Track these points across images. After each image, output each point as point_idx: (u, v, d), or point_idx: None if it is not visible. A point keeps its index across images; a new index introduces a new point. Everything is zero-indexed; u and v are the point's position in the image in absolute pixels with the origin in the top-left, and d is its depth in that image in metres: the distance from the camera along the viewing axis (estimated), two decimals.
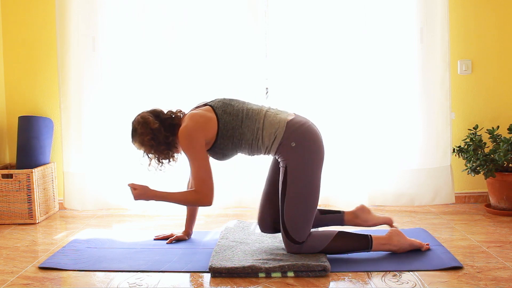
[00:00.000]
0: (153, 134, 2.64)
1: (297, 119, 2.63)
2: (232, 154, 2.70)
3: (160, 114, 2.72)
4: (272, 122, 2.60)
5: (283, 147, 2.57)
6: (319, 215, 2.84)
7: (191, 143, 2.56)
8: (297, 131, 2.57)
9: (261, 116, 2.62)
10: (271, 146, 2.59)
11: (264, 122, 2.60)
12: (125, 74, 3.71)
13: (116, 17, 3.69)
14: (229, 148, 2.64)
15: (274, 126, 2.59)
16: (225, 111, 2.63)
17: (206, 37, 3.66)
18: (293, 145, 2.55)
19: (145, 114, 2.70)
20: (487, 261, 2.54)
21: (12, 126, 3.86)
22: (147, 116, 2.68)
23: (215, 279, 2.41)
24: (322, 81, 3.66)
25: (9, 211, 3.53)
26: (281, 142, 2.57)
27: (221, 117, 2.61)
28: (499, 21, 3.68)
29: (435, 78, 3.60)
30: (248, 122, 2.61)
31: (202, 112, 2.63)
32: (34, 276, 2.50)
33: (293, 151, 2.55)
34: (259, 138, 2.60)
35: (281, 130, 2.57)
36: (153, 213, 3.70)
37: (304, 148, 2.55)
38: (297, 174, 2.54)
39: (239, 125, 2.60)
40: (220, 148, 2.63)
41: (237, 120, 2.61)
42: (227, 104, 2.67)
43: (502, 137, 3.42)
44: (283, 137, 2.56)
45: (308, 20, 3.62)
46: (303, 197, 2.54)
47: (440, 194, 3.66)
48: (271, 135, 2.58)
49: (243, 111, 2.64)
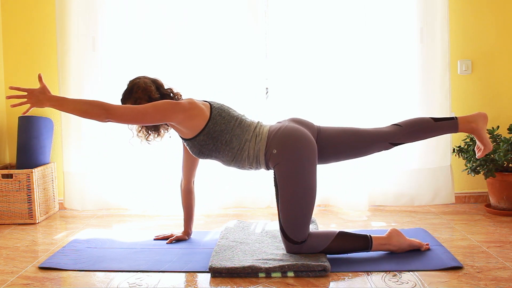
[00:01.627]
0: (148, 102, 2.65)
1: (274, 127, 2.65)
2: (210, 154, 2.67)
3: (161, 87, 2.74)
4: (257, 134, 2.62)
5: (268, 157, 2.60)
6: None
7: (164, 104, 2.53)
8: (275, 138, 2.58)
9: (252, 129, 2.64)
10: (257, 158, 2.61)
11: (252, 135, 2.62)
12: (125, 74, 3.69)
13: (116, 17, 3.69)
14: (209, 148, 2.63)
15: (258, 138, 2.61)
16: (220, 114, 2.64)
17: (206, 37, 3.66)
18: (274, 152, 2.57)
19: (148, 81, 2.70)
20: (487, 261, 2.54)
21: (12, 126, 3.86)
22: (149, 84, 2.69)
23: (215, 279, 2.41)
24: (322, 81, 3.65)
25: (9, 211, 3.53)
26: (265, 153, 2.60)
27: (213, 117, 2.61)
28: (499, 21, 3.69)
29: (435, 78, 3.60)
30: (238, 131, 2.62)
31: (200, 104, 2.64)
32: (34, 276, 2.50)
33: (278, 157, 2.56)
34: (246, 150, 2.61)
35: (263, 141, 2.60)
36: (153, 213, 3.70)
37: (286, 151, 2.55)
38: (286, 176, 2.54)
39: (228, 131, 2.61)
40: (199, 143, 2.63)
41: (228, 126, 2.62)
42: (225, 109, 2.68)
43: (502, 137, 3.42)
44: (266, 148, 2.59)
45: (308, 20, 3.62)
46: (297, 197, 2.53)
47: (440, 194, 3.66)
48: (255, 147, 2.60)
49: (236, 120, 2.65)
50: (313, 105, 3.64)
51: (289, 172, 2.54)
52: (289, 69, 3.66)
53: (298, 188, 2.53)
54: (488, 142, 2.69)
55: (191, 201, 2.99)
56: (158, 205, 3.71)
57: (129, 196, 3.76)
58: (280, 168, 2.56)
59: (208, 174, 3.63)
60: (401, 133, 2.67)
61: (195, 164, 2.95)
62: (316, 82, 3.66)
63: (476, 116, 2.70)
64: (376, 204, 3.75)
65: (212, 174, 3.66)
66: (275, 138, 2.58)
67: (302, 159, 2.54)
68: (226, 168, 3.56)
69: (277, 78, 3.68)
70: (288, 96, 3.67)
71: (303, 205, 2.55)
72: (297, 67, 3.65)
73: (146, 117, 2.51)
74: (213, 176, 3.68)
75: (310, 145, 2.57)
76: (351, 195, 3.64)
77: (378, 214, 3.57)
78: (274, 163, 2.58)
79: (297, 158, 2.54)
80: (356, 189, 3.64)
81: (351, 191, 3.65)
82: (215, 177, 3.70)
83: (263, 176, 3.58)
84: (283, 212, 2.55)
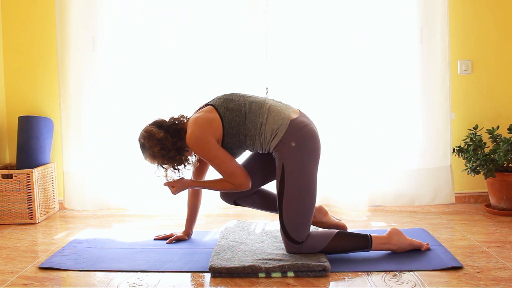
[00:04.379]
0: (161, 144, 2.63)
1: (300, 119, 2.61)
2: (240, 151, 2.71)
3: (163, 123, 2.71)
4: (275, 118, 2.58)
5: (283, 145, 2.56)
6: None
7: (203, 146, 2.58)
8: (300, 132, 2.56)
9: (265, 110, 2.61)
10: (271, 142, 2.59)
11: (268, 117, 2.59)
12: (125, 74, 3.71)
13: (116, 17, 3.69)
14: (237, 146, 2.65)
15: (277, 122, 2.57)
16: (227, 108, 2.62)
17: (206, 37, 3.66)
18: (293, 144, 2.55)
19: (148, 128, 2.70)
20: (487, 261, 2.54)
21: (12, 126, 3.86)
22: (150, 129, 2.68)
23: (215, 279, 2.41)
24: (322, 81, 3.65)
25: (9, 211, 3.53)
26: (282, 140, 2.56)
27: (224, 115, 2.61)
28: (499, 21, 3.69)
29: (435, 78, 3.60)
30: (251, 117, 2.60)
31: (204, 115, 2.63)
32: (34, 276, 2.50)
33: (293, 151, 2.54)
34: (262, 133, 2.59)
35: (284, 128, 2.56)
36: (153, 213, 3.70)
37: (303, 149, 2.55)
38: (295, 174, 2.53)
39: (243, 121, 2.60)
40: (228, 147, 2.64)
41: (240, 116, 2.60)
42: (228, 100, 2.66)
43: (502, 137, 3.42)
44: (284, 135, 2.56)
45: (308, 20, 3.62)
46: (302, 197, 2.54)
47: (440, 194, 3.66)
48: (273, 131, 2.57)
49: (245, 105, 2.63)
50: (313, 105, 3.63)
51: (299, 171, 2.53)
52: (289, 69, 3.66)
53: (304, 188, 2.54)
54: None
55: (197, 201, 2.98)
56: (158, 205, 3.71)
57: (129, 196, 3.76)
58: (291, 163, 2.53)
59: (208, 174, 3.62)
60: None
61: (205, 167, 2.95)
62: (316, 82, 3.66)
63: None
64: (376, 204, 3.75)
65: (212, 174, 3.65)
66: (300, 132, 2.56)
67: (312, 162, 2.57)
68: None
69: (277, 78, 3.68)
70: (288, 96, 3.66)
71: (307, 205, 2.55)
72: (297, 67, 3.65)
73: (224, 157, 2.61)
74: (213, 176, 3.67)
75: (320, 152, 2.64)
76: (351, 195, 3.64)
77: (378, 214, 3.57)
78: (284, 154, 2.55)
79: (309, 159, 2.55)
80: (356, 189, 3.63)
81: (351, 191, 3.65)
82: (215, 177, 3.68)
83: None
84: (287, 211, 2.55)
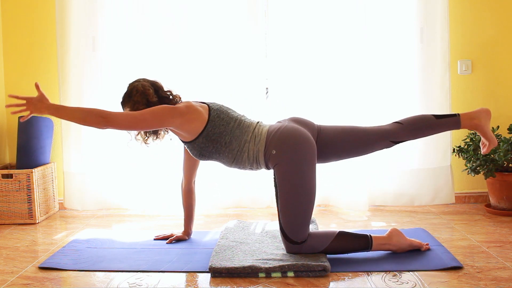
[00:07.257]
0: (148, 106, 2.64)
1: (273, 127, 2.64)
2: (211, 156, 2.67)
3: (160, 90, 2.73)
4: (256, 135, 2.62)
5: (268, 157, 2.59)
6: None
7: (161, 110, 2.54)
8: (274, 138, 2.58)
9: (251, 130, 2.64)
10: (257, 159, 2.61)
11: (252, 136, 2.62)
12: (125, 74, 3.70)
13: (116, 17, 3.69)
14: (209, 150, 2.63)
15: (257, 138, 2.61)
16: (219, 116, 2.64)
17: (206, 37, 3.66)
18: (273, 152, 2.56)
19: (147, 85, 2.70)
20: (487, 261, 2.54)
21: (12, 126, 3.86)
22: (148, 87, 2.68)
23: (215, 279, 2.41)
24: (322, 81, 3.65)
25: (9, 211, 3.53)
26: (265, 153, 2.59)
27: (212, 119, 2.61)
28: (499, 21, 3.68)
29: (435, 78, 3.60)
30: (237, 132, 2.62)
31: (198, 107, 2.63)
32: (34, 276, 2.50)
33: (277, 158, 2.56)
34: (245, 151, 2.61)
35: (263, 142, 2.59)
36: (153, 213, 3.70)
37: (285, 151, 2.54)
38: (285, 176, 2.54)
39: (228, 133, 2.61)
40: (199, 146, 2.63)
41: (227, 128, 2.61)
42: (223, 110, 2.68)
43: (502, 137, 3.42)
44: (265, 148, 2.58)
45: (308, 20, 3.62)
46: (296, 197, 2.53)
47: (440, 194, 3.66)
48: (255, 147, 2.60)
49: (235, 121, 2.65)
50: (313, 105, 3.64)
51: (288, 173, 2.53)
52: (289, 69, 3.66)
53: (297, 189, 2.53)
54: (492, 137, 2.68)
55: (191, 201, 2.99)
56: (158, 205, 3.71)
57: (129, 196, 3.76)
58: (280, 168, 2.55)
59: (208, 174, 3.63)
60: (402, 131, 2.67)
61: (196, 164, 2.96)
62: (316, 82, 3.66)
63: (478, 112, 2.69)
64: (376, 204, 3.75)
65: (212, 174, 3.66)
66: (274, 138, 2.58)
67: (301, 160, 2.54)
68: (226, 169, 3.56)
69: (277, 78, 3.68)
70: (288, 96, 3.67)
71: (303, 206, 2.54)
72: (297, 67, 3.65)
73: (144, 123, 2.52)
74: (213, 176, 3.68)
75: (309, 145, 2.57)
76: (351, 195, 3.64)
77: (378, 214, 3.57)
78: (274, 163, 2.58)
79: (296, 158, 2.54)
80: (356, 189, 3.63)
81: (351, 191, 3.65)
82: (215, 177, 3.69)
83: (263, 176, 3.58)
84: (283, 213, 2.55)
